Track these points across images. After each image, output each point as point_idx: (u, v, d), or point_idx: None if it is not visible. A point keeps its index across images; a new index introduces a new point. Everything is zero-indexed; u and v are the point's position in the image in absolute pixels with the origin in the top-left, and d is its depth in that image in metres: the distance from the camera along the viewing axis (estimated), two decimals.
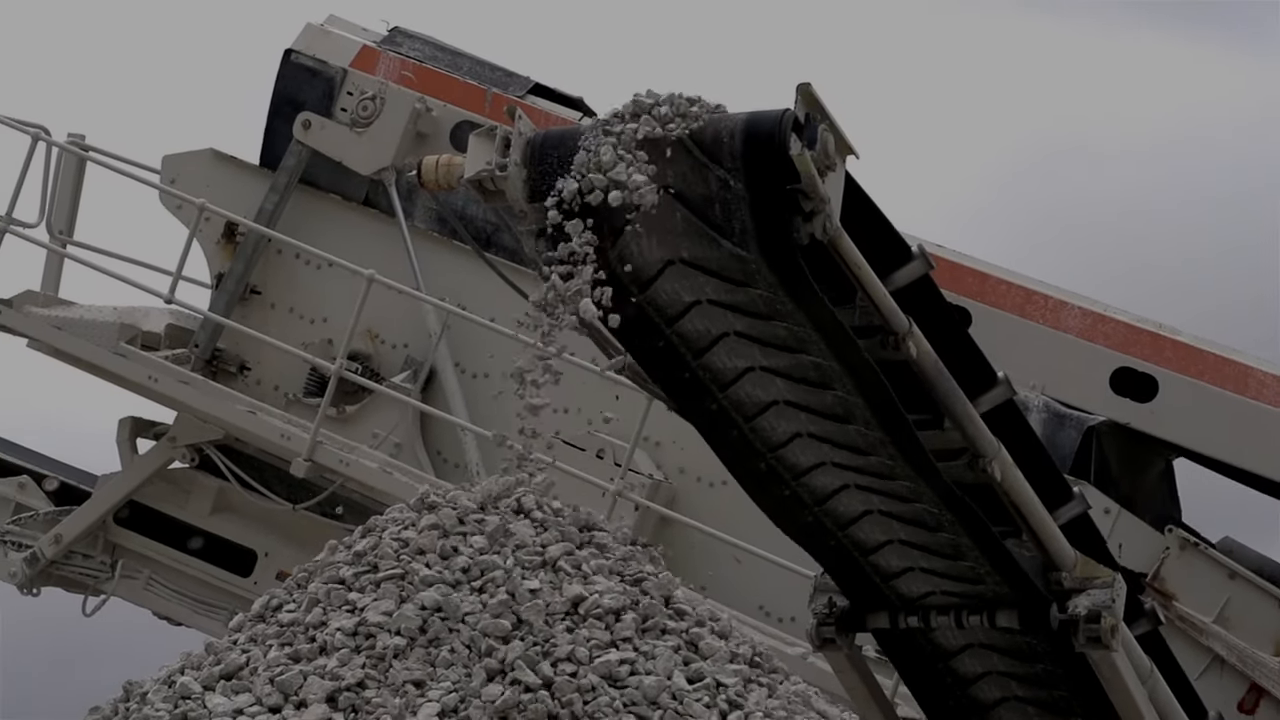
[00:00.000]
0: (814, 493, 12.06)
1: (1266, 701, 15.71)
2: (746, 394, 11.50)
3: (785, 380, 11.33)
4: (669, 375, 11.48)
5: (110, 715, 8.45)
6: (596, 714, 8.42)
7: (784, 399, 11.46)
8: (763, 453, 11.83)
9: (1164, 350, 16.53)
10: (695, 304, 10.81)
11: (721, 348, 11.15)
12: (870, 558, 12.60)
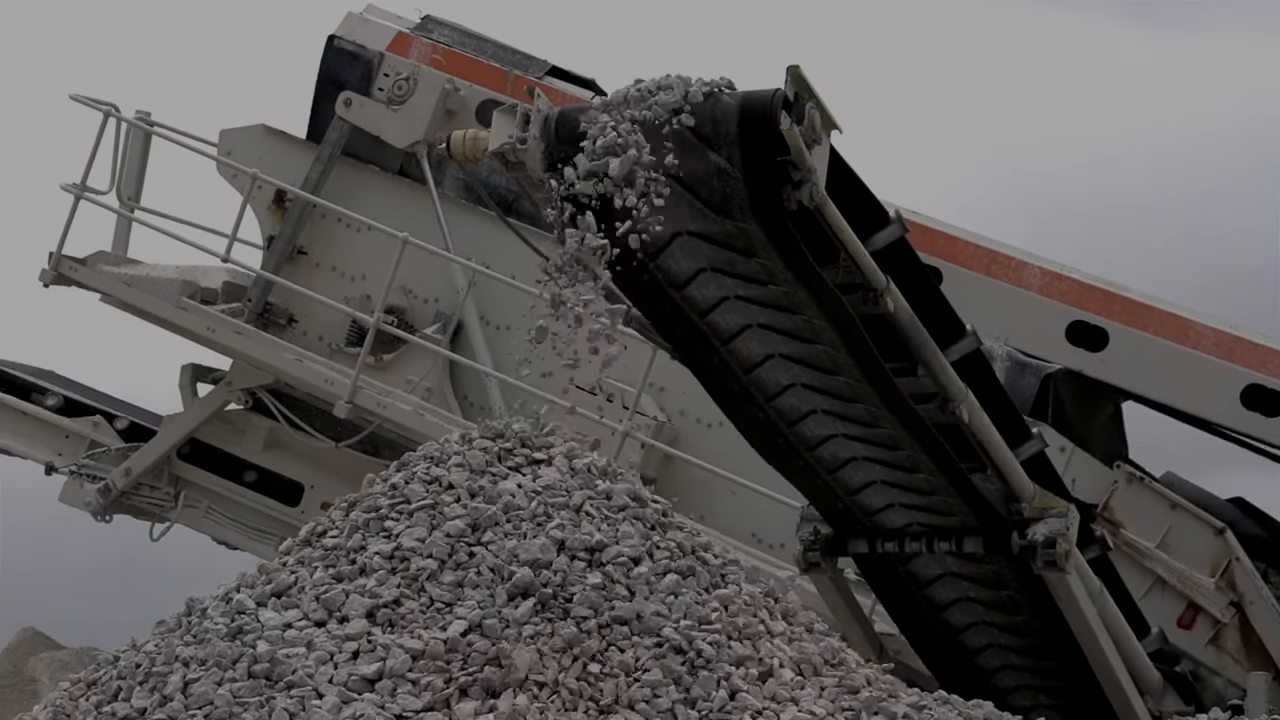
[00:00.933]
0: (802, 430, 12.14)
1: (1203, 618, 15.77)
2: (745, 349, 11.57)
3: (780, 336, 11.38)
4: (674, 332, 11.54)
5: (174, 628, 8.42)
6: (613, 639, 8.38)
7: (779, 353, 11.51)
8: (759, 401, 11.91)
9: (1114, 305, 16.57)
10: (700, 271, 10.86)
11: (723, 308, 11.22)
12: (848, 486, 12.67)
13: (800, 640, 8.98)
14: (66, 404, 18.80)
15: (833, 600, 13.50)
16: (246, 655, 8.03)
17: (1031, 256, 16.97)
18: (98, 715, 7.92)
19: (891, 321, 11.31)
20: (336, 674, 8.01)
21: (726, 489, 15.64)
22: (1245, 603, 15.81)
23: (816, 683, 8.67)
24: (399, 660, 8.13)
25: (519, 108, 10.42)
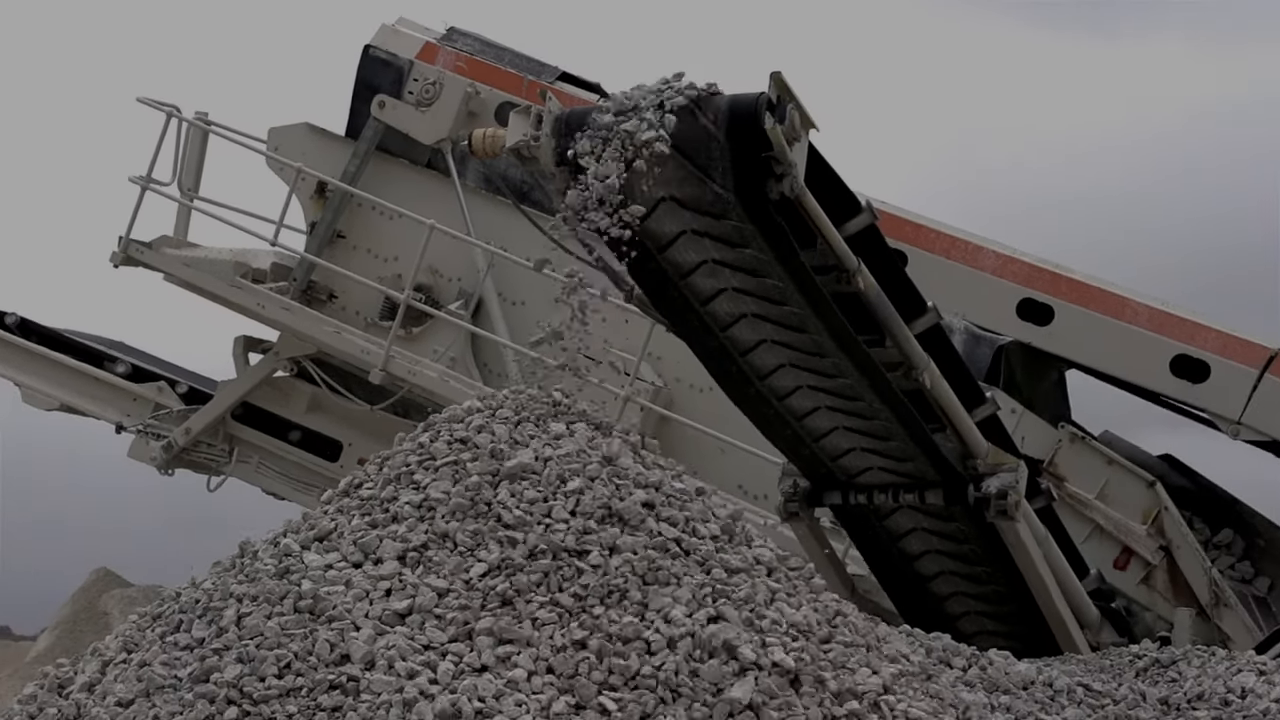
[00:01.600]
0: (781, 392, 12.19)
1: (1135, 560, 15.89)
2: (741, 335, 11.70)
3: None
4: (664, 298, 11.56)
5: (229, 568, 8.43)
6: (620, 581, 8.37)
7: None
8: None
9: (1059, 285, 16.64)
10: (702, 264, 10.97)
11: (721, 296, 11.30)
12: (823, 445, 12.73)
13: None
14: (134, 371, 18.85)
15: (810, 545, 13.54)
16: (292, 592, 8.04)
17: (986, 241, 17.02)
18: (161, 644, 7.93)
19: (862, 298, 11.35)
20: (371, 609, 8.03)
21: (717, 447, 15.71)
22: (1173, 547, 15.90)
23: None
24: (427, 598, 8.14)
25: (532, 109, 10.50)
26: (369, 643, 7.81)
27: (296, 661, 7.68)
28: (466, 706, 7.62)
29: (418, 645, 7.92)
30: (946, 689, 9.15)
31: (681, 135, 10.05)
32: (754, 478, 15.13)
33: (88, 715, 7.70)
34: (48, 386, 18.81)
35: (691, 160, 10.26)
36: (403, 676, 7.70)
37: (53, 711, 7.86)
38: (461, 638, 8.02)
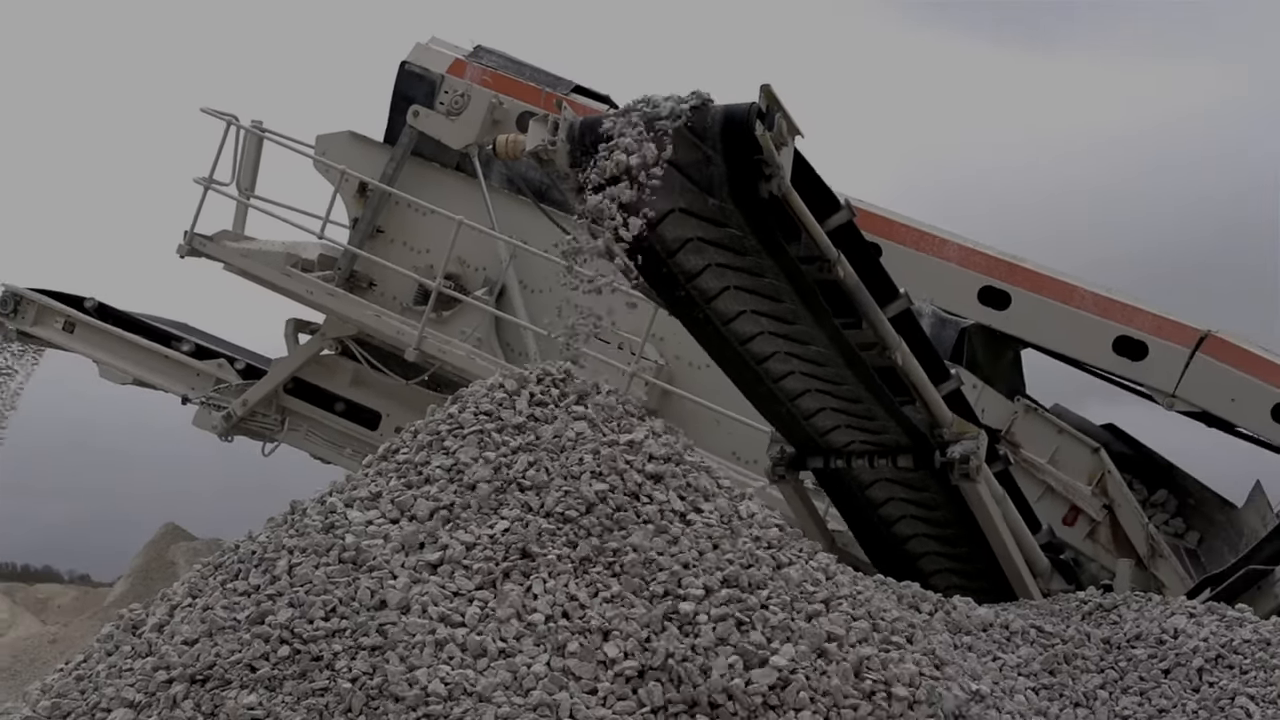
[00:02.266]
0: (770, 370, 12.22)
1: (1082, 517, 15.99)
2: (725, 306, 11.65)
3: (751, 295, 11.42)
4: (670, 293, 11.58)
5: (281, 524, 8.42)
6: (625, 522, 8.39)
7: (750, 307, 11.56)
8: (734, 342, 11.96)
9: (1015, 274, 16.70)
10: (689, 241, 10.91)
11: (708, 274, 11.26)
12: (809, 417, 12.74)
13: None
14: (198, 349, 18.89)
15: (795, 504, 13.59)
16: (337, 545, 8.04)
17: (951, 235, 17.08)
18: (222, 590, 7.94)
19: (842, 286, 11.36)
20: (407, 560, 8.03)
21: (712, 418, 15.73)
22: (1115, 506, 15.98)
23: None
24: (456, 550, 8.14)
25: (550, 117, 10.51)
26: (405, 590, 7.82)
27: (341, 606, 7.69)
28: (491, 646, 7.64)
29: (448, 592, 7.92)
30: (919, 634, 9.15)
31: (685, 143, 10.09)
32: (745, 445, 15.15)
33: (157, 652, 7.70)
34: (122, 363, 18.85)
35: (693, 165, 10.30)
36: (434, 620, 7.71)
37: (127, 649, 7.87)
38: (486, 586, 8.03)
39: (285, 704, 7.34)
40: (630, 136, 10.01)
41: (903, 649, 8.52)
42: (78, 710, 7.53)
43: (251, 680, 7.44)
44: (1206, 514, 16.67)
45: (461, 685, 7.39)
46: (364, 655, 7.48)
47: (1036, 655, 10.41)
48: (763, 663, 7.82)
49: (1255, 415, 16.08)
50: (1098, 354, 16.63)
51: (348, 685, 7.37)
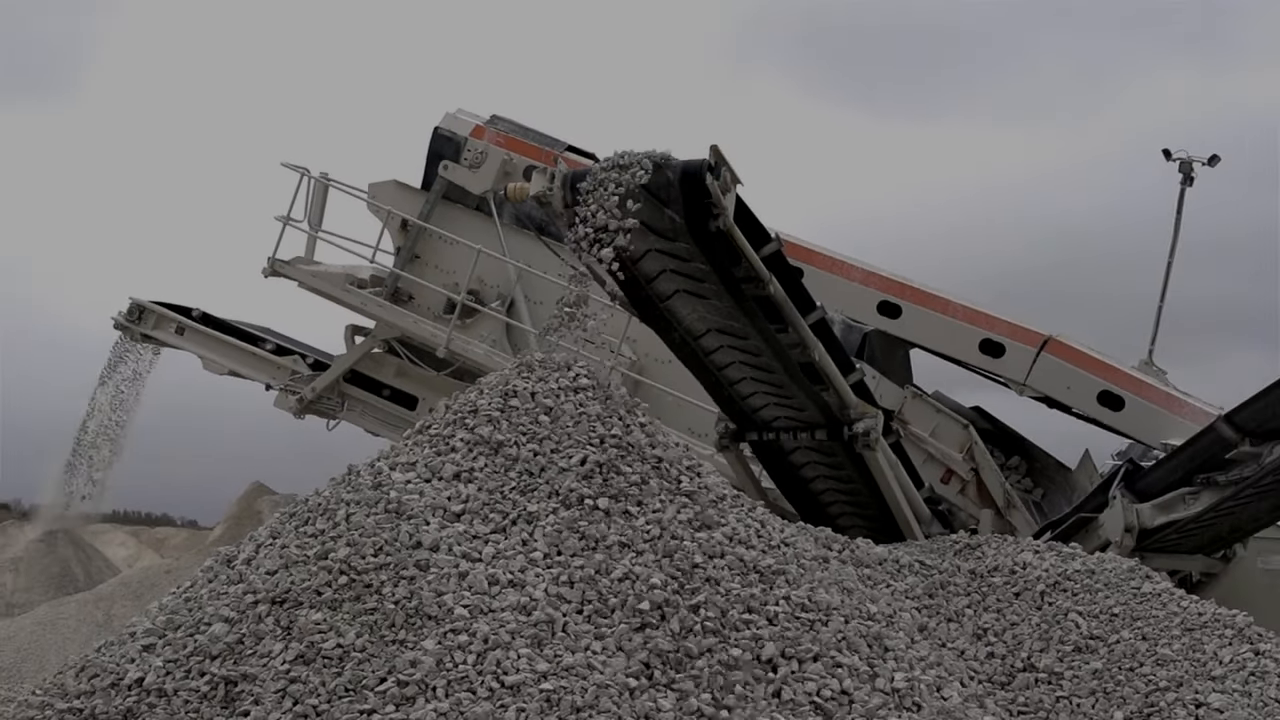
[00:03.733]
0: (717, 362, 12.24)
1: (955, 478, 16.05)
2: (683, 313, 11.75)
3: (703, 305, 11.48)
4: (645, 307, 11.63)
5: (340, 482, 8.40)
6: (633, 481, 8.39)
7: (702, 315, 11.63)
8: (691, 342, 11.99)
9: (905, 291, 16.78)
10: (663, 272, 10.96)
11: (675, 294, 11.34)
12: (746, 399, 12.76)
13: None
14: (278, 348, 18.85)
15: (736, 469, 13.65)
16: (384, 499, 8.01)
17: (857, 261, 17.10)
18: (296, 533, 7.91)
19: (773, 300, 11.41)
20: (437, 510, 8.01)
21: (673, 402, 15.74)
22: (980, 469, 16.05)
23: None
24: (475, 503, 8.13)
25: (548, 170, 10.53)
26: (435, 533, 7.80)
27: (387, 545, 7.67)
28: (502, 577, 7.63)
29: (469, 535, 7.92)
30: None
31: (653, 184, 10.12)
32: (699, 423, 15.16)
33: (246, 580, 7.68)
34: (220, 358, 18.84)
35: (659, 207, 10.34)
36: (458, 556, 7.69)
37: (223, 577, 7.84)
38: (499, 530, 8.02)
39: (344, 620, 7.33)
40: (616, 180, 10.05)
41: (817, 574, 8.54)
42: (185, 624, 7.50)
43: (318, 602, 7.42)
44: (1048, 475, 16.75)
45: (479, 606, 7.39)
46: (404, 583, 7.46)
47: (919, 583, 10.42)
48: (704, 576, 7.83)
49: (1085, 399, 16.20)
50: (967, 353, 16.70)
51: (391, 606, 7.36)
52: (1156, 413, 15.84)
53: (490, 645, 7.13)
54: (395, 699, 6.90)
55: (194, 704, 7.07)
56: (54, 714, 7.18)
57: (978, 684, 9.16)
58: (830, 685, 7.61)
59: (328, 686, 7.01)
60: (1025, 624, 9.93)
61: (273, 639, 7.29)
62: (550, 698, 6.88)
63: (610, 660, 7.31)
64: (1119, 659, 9.48)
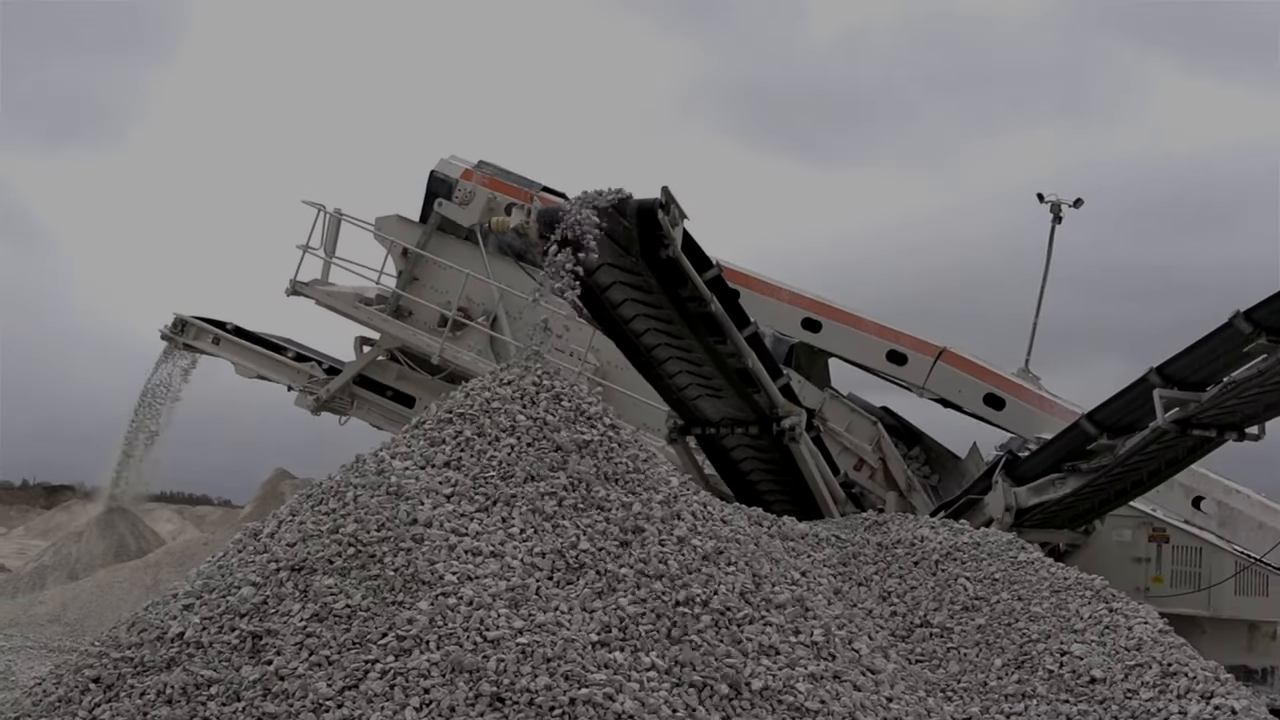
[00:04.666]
0: (668, 369, 12.23)
1: (865, 465, 16.03)
2: (638, 326, 11.69)
3: (655, 320, 11.47)
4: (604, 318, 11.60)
5: (349, 468, 8.35)
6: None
7: (655, 328, 11.58)
8: (645, 352, 11.98)
9: (825, 310, 16.80)
10: (615, 284, 10.92)
11: (627, 305, 11.29)
12: (692, 400, 12.74)
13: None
14: (298, 355, 18.76)
15: (683, 459, 13.62)
16: (385, 483, 7.98)
17: (784, 284, 17.09)
18: (312, 512, 7.88)
19: (714, 317, 11.45)
20: (430, 492, 7.99)
21: (630, 401, 15.70)
22: (886, 458, 16.09)
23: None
24: (462, 486, 8.11)
25: (526, 206, 10.56)
26: (429, 512, 7.78)
27: (388, 522, 7.65)
28: (484, 548, 7.62)
29: (457, 514, 7.89)
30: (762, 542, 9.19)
31: (612, 223, 10.12)
32: (651, 419, 15.14)
33: (269, 551, 7.65)
34: (250, 364, 18.76)
35: (618, 238, 10.35)
36: (448, 531, 7.68)
37: (250, 548, 7.81)
38: (482, 510, 8.00)
39: (352, 584, 7.31)
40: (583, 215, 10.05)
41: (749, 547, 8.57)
42: (219, 588, 7.47)
43: (330, 569, 7.40)
44: (942, 463, 16.81)
45: (466, 573, 7.38)
46: (402, 554, 7.45)
47: (835, 553, 10.46)
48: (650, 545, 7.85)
49: (973, 400, 16.27)
50: (876, 361, 16.73)
51: (392, 573, 7.34)
52: (1031, 412, 15.92)
53: (475, 606, 7.13)
54: (394, 651, 6.90)
55: (226, 654, 7.06)
56: (109, 662, 7.18)
57: (883, 637, 9.20)
58: (761, 639, 7.64)
59: (338, 640, 7.01)
60: (922, 587, 9.98)
61: (292, 600, 7.27)
62: (525, 650, 6.89)
63: (576, 619, 7.32)
64: (999, 616, 9.54)
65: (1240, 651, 14.01)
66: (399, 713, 6.58)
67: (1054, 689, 8.73)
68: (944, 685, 8.89)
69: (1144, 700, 8.51)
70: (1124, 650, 8.99)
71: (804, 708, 7.31)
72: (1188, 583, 14.21)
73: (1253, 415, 11.95)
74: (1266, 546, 14.27)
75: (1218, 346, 11.18)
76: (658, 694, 6.95)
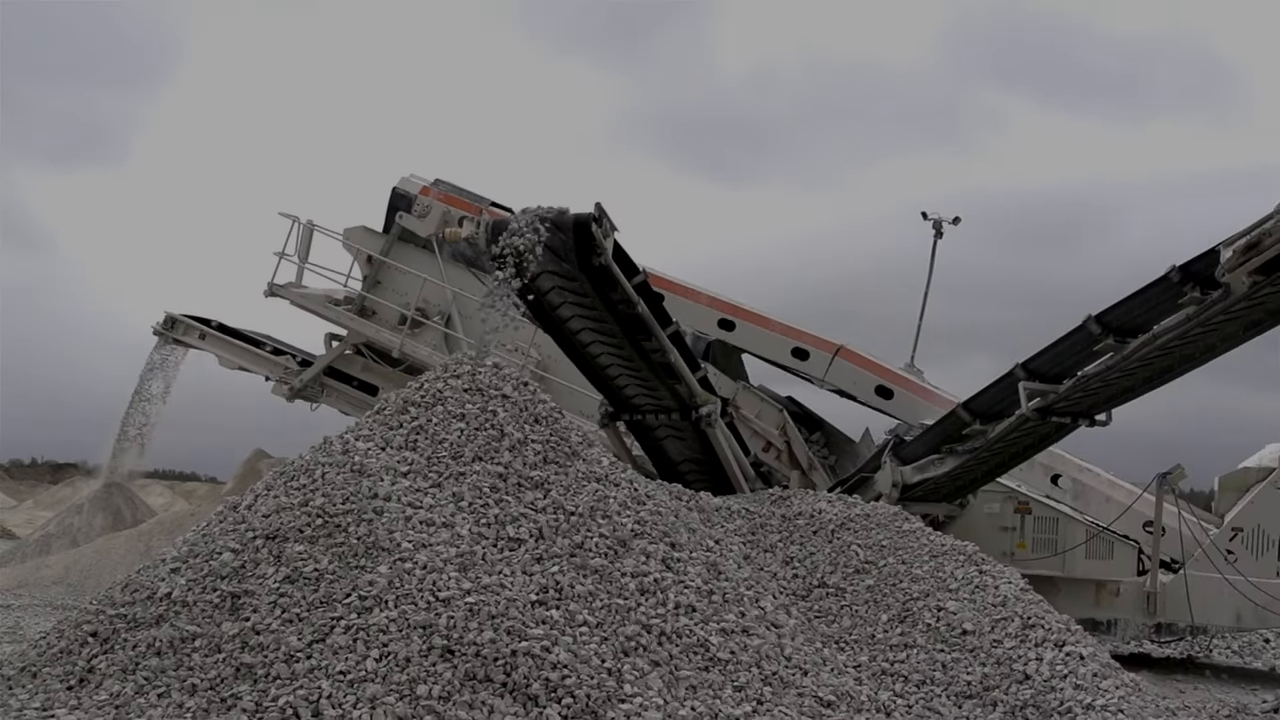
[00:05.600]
0: (600, 363, 12.17)
1: (774, 447, 15.97)
2: (574, 325, 11.63)
3: (589, 319, 11.43)
4: (544, 318, 11.56)
5: (319, 449, 8.28)
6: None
7: (589, 327, 11.53)
8: (581, 347, 11.92)
9: (738, 312, 16.71)
10: (554, 288, 10.87)
11: (565, 307, 11.24)
12: (622, 390, 12.70)
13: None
14: (275, 349, 18.50)
15: (614, 441, 13.53)
16: (350, 461, 7.93)
17: (702, 289, 17.02)
18: (284, 486, 7.83)
19: (641, 317, 11.37)
20: (389, 469, 7.95)
21: (567, 389, 15.62)
22: (790, 441, 16.05)
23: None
24: (418, 464, 8.07)
25: (476, 219, 10.49)
26: (388, 487, 7.73)
27: (352, 496, 7.60)
28: (437, 519, 7.58)
29: (415, 488, 7.86)
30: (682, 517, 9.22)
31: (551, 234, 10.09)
32: (586, 406, 15.07)
33: (248, 521, 7.58)
34: (232, 357, 18.45)
35: (556, 247, 10.30)
36: (405, 505, 7.63)
37: (230, 519, 7.73)
38: (435, 486, 7.96)
39: (320, 551, 7.26)
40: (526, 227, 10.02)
41: (670, 519, 8.59)
42: (203, 553, 7.40)
43: (300, 538, 7.34)
44: (839, 446, 16.83)
45: (421, 541, 7.34)
46: (365, 524, 7.40)
47: (745, 524, 10.50)
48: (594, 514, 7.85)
49: (866, 391, 16.28)
50: (783, 357, 16.66)
51: (355, 541, 7.29)
52: (916, 401, 15.98)
53: (428, 570, 7.10)
54: (357, 609, 6.86)
55: (208, 612, 6.99)
56: (105, 619, 7.11)
57: (785, 597, 9.26)
58: (680, 599, 7.67)
59: (307, 599, 6.96)
60: (820, 553, 10.04)
61: (267, 564, 7.21)
62: (473, 608, 6.87)
63: (517, 581, 7.31)
64: (886, 577, 9.63)
65: (1089, 606, 14.20)
66: (361, 663, 6.55)
67: (931, 640, 8.82)
68: (838, 637, 8.96)
69: (1008, 649, 8.63)
70: (991, 606, 9.11)
71: (717, 658, 7.35)
72: (1046, 548, 14.40)
73: (1101, 404, 12.14)
74: (1112, 517, 14.50)
75: (1072, 345, 11.35)
76: (588, 647, 6.96)
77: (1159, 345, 10.72)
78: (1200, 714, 8.83)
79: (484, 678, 6.53)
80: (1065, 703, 8.05)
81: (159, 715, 6.41)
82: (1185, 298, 10.27)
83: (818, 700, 7.49)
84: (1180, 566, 14.06)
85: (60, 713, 6.50)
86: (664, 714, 6.70)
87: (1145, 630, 14.41)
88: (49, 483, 48.70)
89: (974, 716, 8.08)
